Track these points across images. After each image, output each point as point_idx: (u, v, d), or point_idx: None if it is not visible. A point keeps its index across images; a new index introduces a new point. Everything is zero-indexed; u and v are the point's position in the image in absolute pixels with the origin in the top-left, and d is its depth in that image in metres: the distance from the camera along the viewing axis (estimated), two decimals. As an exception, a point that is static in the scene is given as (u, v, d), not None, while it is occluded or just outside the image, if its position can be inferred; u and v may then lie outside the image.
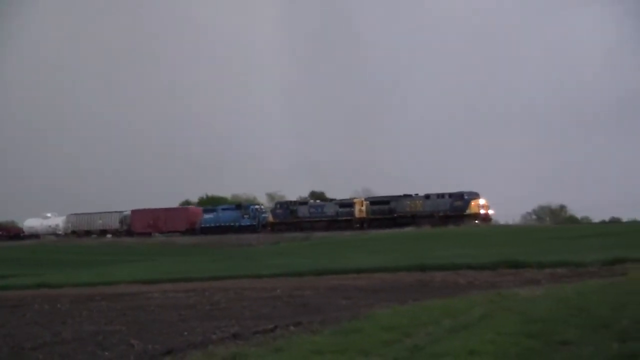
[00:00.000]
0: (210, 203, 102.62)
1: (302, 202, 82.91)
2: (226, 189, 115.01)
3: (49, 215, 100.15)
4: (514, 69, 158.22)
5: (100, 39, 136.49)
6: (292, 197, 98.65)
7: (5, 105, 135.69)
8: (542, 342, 11.31)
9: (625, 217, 78.22)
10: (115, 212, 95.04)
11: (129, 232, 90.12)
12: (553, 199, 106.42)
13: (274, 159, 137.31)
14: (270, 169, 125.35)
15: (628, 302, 14.25)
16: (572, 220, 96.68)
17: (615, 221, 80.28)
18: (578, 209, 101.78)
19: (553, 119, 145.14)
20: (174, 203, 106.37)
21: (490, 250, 39.74)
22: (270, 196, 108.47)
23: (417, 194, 74.54)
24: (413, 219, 72.05)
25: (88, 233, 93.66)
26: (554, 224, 70.01)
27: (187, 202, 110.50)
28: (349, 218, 76.49)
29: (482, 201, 70.90)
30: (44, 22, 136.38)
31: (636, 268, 24.12)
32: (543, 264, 28.97)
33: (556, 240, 44.69)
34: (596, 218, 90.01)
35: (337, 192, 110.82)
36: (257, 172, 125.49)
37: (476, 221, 68.55)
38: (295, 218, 78.64)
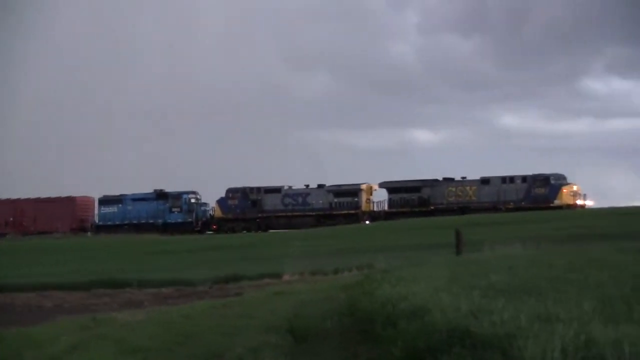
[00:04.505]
0: None
1: (272, 189, 68.32)
2: None
3: None
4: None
5: None
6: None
7: None
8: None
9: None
10: None
11: None
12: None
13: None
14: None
15: (242, 327, 14.68)
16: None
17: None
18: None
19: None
20: None
21: (87, 266, 39.47)
22: None
23: (464, 178, 64.06)
24: (462, 212, 60.12)
25: None
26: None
27: None
28: (352, 212, 64.90)
29: (575, 187, 61.46)
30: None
31: (252, 286, 25.44)
32: (145, 283, 29.53)
33: (166, 255, 45.51)
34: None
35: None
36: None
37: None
38: (260, 212, 66.23)
